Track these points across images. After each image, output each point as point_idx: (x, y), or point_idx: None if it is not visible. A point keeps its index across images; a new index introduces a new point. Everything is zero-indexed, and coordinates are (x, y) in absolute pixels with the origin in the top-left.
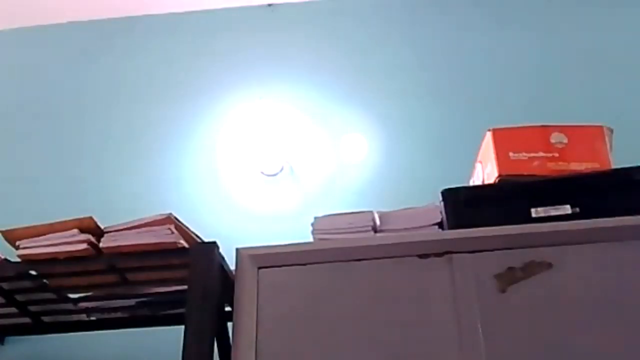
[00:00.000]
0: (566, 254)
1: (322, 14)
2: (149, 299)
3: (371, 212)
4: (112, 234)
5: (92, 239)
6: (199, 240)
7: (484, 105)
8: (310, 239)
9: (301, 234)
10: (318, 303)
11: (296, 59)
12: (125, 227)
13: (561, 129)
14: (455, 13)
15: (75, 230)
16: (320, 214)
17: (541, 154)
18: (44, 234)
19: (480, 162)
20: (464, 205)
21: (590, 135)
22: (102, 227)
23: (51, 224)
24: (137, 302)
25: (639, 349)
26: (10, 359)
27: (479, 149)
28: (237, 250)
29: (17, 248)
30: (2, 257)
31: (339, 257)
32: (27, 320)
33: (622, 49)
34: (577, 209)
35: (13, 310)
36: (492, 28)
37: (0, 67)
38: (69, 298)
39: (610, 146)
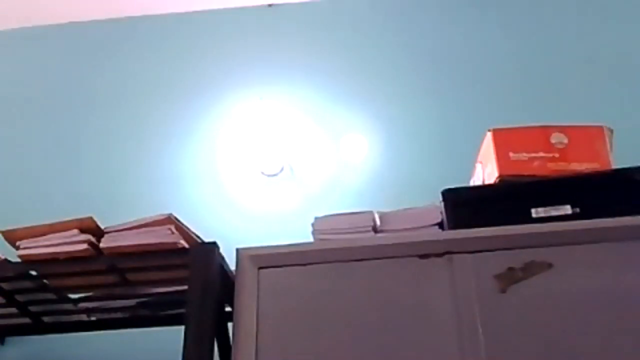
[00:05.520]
0: (566, 254)
1: (322, 14)
2: (149, 299)
3: (371, 212)
4: (112, 234)
5: (93, 239)
6: (199, 241)
7: (484, 105)
8: (311, 239)
9: (301, 234)
10: (318, 303)
11: (296, 59)
12: (125, 227)
13: (561, 129)
14: (456, 13)
15: (76, 231)
16: (320, 214)
17: (541, 154)
18: (44, 234)
19: (481, 162)
20: (464, 205)
21: (591, 136)
22: (102, 227)
23: (51, 224)
24: (137, 303)
25: (639, 349)
26: (10, 359)
27: (479, 149)
28: (237, 250)
29: (18, 248)
30: (3, 257)
31: (339, 257)
32: (27, 320)
33: (623, 49)
34: (578, 209)
35: (13, 310)
36: (492, 29)
37: (1, 67)
38: (69, 298)
39: (611, 146)
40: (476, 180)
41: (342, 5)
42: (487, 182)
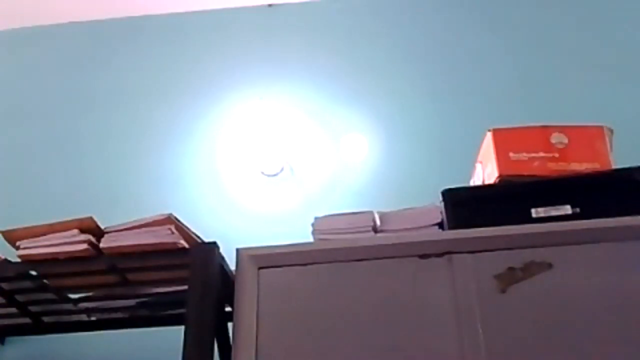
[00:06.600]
0: (566, 254)
1: (322, 14)
2: (149, 299)
3: (371, 212)
4: (112, 234)
5: (93, 239)
6: (199, 241)
7: (484, 105)
8: (311, 239)
9: (301, 234)
10: (318, 303)
11: (296, 59)
12: (125, 227)
13: (561, 129)
14: (455, 13)
15: (76, 231)
16: (320, 214)
17: (541, 154)
18: (44, 235)
19: (481, 162)
20: (464, 205)
21: (591, 136)
22: (102, 227)
23: (51, 224)
24: (137, 303)
25: (639, 349)
26: (10, 359)
27: (479, 149)
28: (237, 250)
29: (18, 248)
30: (2, 257)
31: (339, 257)
32: (27, 320)
33: (623, 49)
34: (578, 209)
35: (13, 310)
36: (492, 28)
37: (1, 67)
38: (69, 298)
39: (611, 146)
40: (476, 180)
41: (342, 5)
42: (487, 182)
